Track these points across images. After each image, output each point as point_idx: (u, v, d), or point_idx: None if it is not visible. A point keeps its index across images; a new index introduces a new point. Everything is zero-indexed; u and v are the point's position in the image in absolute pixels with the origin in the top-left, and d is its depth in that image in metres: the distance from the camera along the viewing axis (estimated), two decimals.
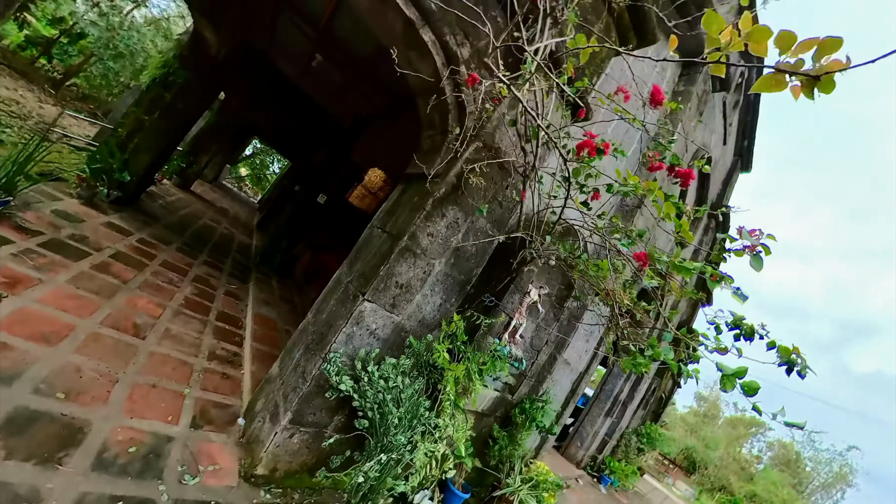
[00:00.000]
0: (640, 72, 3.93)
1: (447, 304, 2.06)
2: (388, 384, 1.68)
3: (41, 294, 2.07)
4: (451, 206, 1.83)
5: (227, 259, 5.06)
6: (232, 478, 1.68)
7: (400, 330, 1.90)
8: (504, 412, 2.99)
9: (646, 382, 7.05)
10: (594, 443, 6.16)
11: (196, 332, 2.71)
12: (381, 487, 1.58)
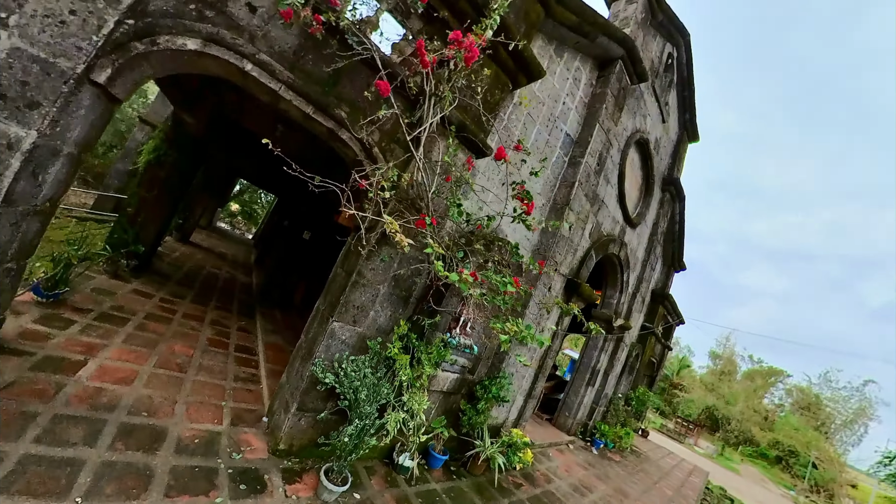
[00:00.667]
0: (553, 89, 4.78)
1: (396, 314, 2.90)
2: (357, 374, 2.52)
3: (108, 353, 2.92)
4: (383, 247, 2.67)
5: (234, 300, 5.93)
6: (263, 453, 2.53)
7: (362, 337, 2.74)
8: (468, 390, 3.83)
9: (623, 351, 7.86)
10: (581, 411, 6.97)
11: (221, 362, 3.57)
12: (360, 444, 2.41)
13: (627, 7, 6.25)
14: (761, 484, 20.20)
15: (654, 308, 9.60)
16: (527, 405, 5.02)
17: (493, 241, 3.39)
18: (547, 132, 4.73)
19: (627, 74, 5.75)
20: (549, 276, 4.60)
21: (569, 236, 4.74)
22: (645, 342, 9.34)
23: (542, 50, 4.55)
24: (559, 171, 4.98)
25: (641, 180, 7.64)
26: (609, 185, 6.08)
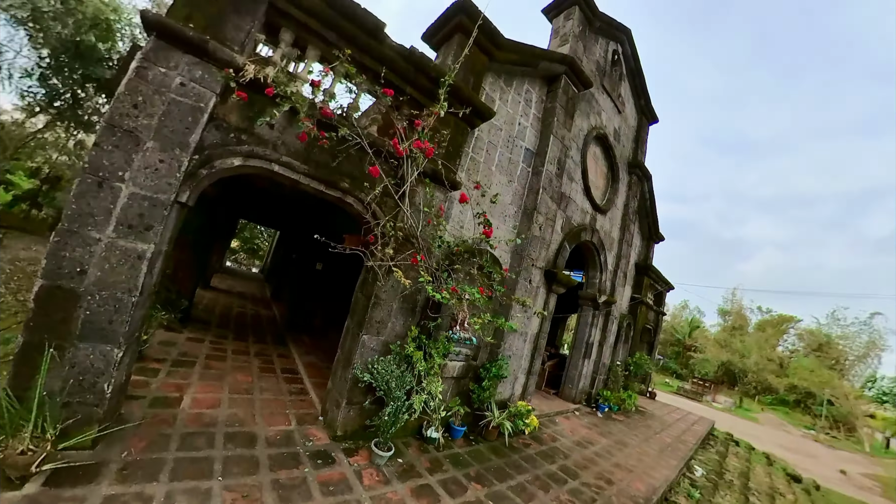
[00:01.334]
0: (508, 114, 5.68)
1: (407, 322, 3.83)
2: (386, 371, 3.45)
3: (194, 389, 3.85)
4: (391, 276, 3.60)
5: (266, 333, 6.87)
6: (326, 440, 3.46)
7: (385, 343, 3.67)
8: (474, 374, 4.77)
9: (614, 324, 8.76)
10: (582, 381, 7.90)
11: (274, 383, 4.50)
12: (397, 420, 3.34)
13: (566, 23, 7.14)
14: (781, 428, 21.14)
15: (640, 280, 10.53)
16: (528, 381, 5.96)
17: (474, 253, 4.33)
18: (509, 151, 5.65)
19: (573, 84, 6.61)
20: (529, 271, 5.52)
21: (540, 235, 5.66)
22: (636, 312, 10.25)
23: (493, 84, 5.46)
24: (525, 181, 5.90)
25: (607, 169, 8.54)
26: (574, 182, 7.00)
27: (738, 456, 9.04)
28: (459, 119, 4.38)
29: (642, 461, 5.56)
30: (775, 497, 7.60)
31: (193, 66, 2.75)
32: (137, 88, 2.57)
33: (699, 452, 7.75)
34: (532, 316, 5.77)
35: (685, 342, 36.71)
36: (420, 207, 3.74)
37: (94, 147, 2.48)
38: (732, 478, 7.27)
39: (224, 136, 2.93)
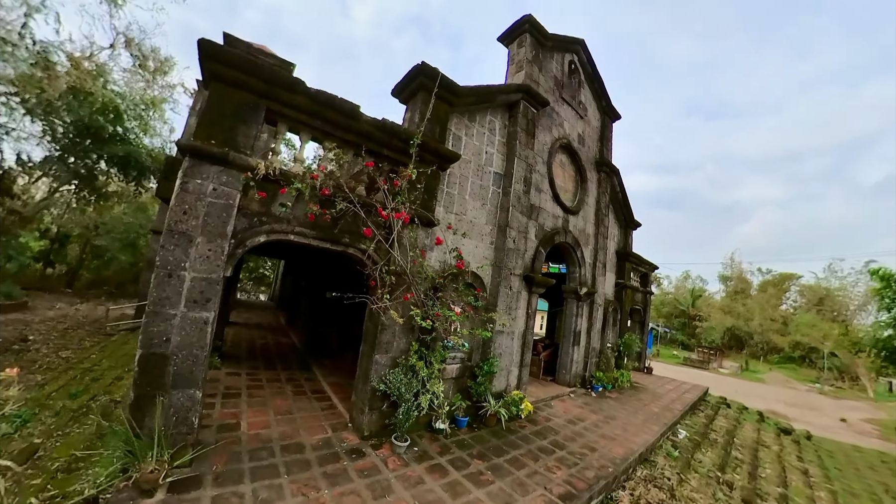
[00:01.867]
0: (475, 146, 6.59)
1: (408, 339, 4.79)
2: (396, 380, 4.41)
3: (246, 415, 4.81)
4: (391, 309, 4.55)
5: (291, 360, 7.85)
6: (356, 441, 4.41)
7: (393, 359, 4.63)
8: (470, 373, 5.72)
9: (598, 311, 9.66)
10: (575, 366, 8.83)
11: (307, 403, 5.47)
12: (409, 416, 4.29)
13: (519, 50, 8.03)
14: (786, 385, 22.05)
15: (622, 265, 11.46)
16: (522, 372, 6.91)
17: (455, 277, 5.29)
18: (479, 179, 6.58)
19: (531, 107, 7.50)
20: (508, 279, 6.47)
21: (514, 247, 6.60)
22: (621, 297, 11.18)
23: (458, 124, 6.37)
24: (497, 201, 6.82)
25: (574, 173, 9.44)
26: (542, 193, 7.92)
27: (727, 417, 9.98)
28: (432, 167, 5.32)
29: (627, 430, 6.49)
30: (759, 449, 8.54)
31: (220, 174, 3.69)
32: (184, 199, 3.52)
33: (687, 417, 8.69)
34: (518, 317, 6.71)
35: (689, 312, 37.64)
36: (407, 249, 4.68)
37: (161, 248, 3.43)
38: (717, 437, 8.21)
39: (250, 221, 3.89)
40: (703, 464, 6.47)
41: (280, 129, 4.24)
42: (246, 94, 3.82)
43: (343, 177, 4.42)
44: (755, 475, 6.90)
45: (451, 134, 6.14)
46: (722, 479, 6.15)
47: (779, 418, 12.87)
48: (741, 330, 31.57)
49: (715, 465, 6.56)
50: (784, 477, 7.41)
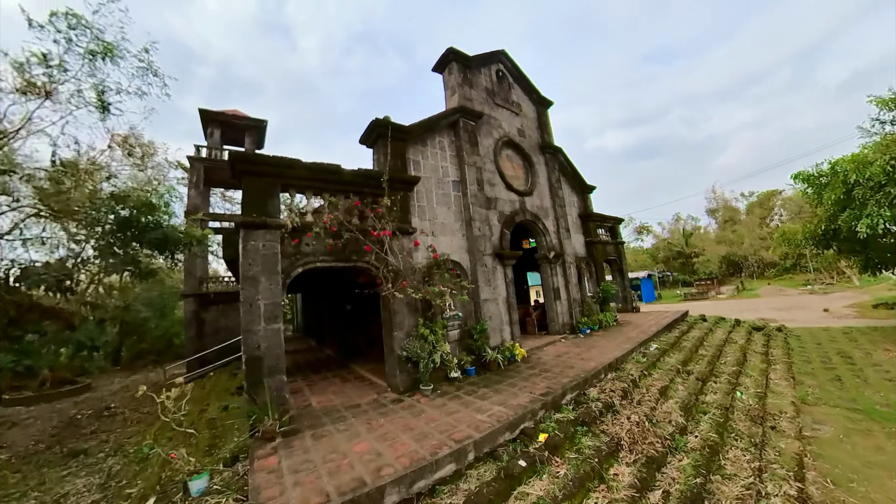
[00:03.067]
0: (432, 164, 8.45)
1: (415, 316, 6.65)
2: (412, 347, 6.28)
3: (314, 399, 6.67)
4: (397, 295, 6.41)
5: (332, 365, 9.71)
6: (395, 396, 6.26)
7: (407, 332, 6.49)
8: (469, 333, 7.59)
9: (571, 268, 11.48)
10: (561, 317, 10.67)
11: (354, 385, 7.32)
12: (427, 370, 6.14)
13: (450, 77, 9.90)
14: (779, 294, 23.79)
15: (587, 226, 13.30)
16: (512, 328, 8.75)
17: (438, 265, 7.17)
18: (441, 189, 8.44)
19: (469, 121, 9.35)
20: (482, 260, 8.33)
21: (481, 234, 8.46)
22: (592, 252, 13.01)
23: (415, 151, 8.23)
24: (459, 202, 8.66)
25: (522, 161, 11.30)
26: (496, 186, 9.77)
27: (700, 329, 11.80)
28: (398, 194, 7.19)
29: (603, 353, 8.30)
30: (725, 346, 10.34)
31: (264, 234, 5.57)
32: (247, 256, 5.41)
33: (661, 335, 10.50)
34: (498, 286, 8.59)
35: (686, 251, 39.38)
36: (397, 253, 6.57)
37: (242, 289, 5.31)
38: (687, 344, 10.01)
39: (290, 260, 5.77)
40: (668, 363, 8.26)
41: (292, 195, 6.13)
42: (265, 179, 5.73)
43: (341, 214, 6.31)
44: (714, 363, 8.70)
45: (411, 161, 8.01)
46: (683, 369, 7.96)
47: (765, 322, 14.50)
48: (736, 255, 33.31)
49: (679, 362, 8.36)
50: (743, 361, 9.21)
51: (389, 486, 3.33)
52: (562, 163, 12.69)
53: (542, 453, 4.24)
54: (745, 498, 3.88)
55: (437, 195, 8.30)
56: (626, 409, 5.57)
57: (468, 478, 3.81)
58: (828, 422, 6.29)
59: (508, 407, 5.17)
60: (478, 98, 10.13)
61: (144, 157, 16.78)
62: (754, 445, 5.05)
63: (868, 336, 11.90)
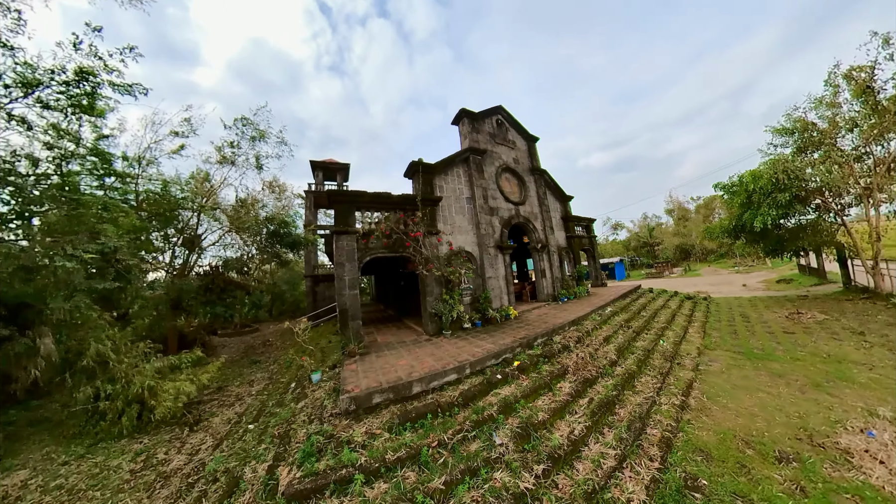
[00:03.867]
0: (452, 187, 8.87)
1: (441, 287, 7.20)
2: (439, 306, 6.84)
3: (379, 337, 7.50)
4: (429, 274, 6.99)
5: (392, 320, 10.60)
6: (427, 337, 6.90)
7: (436, 297, 7.07)
8: (477, 300, 8.01)
9: (554, 255, 11.39)
10: (546, 290, 10.70)
11: (404, 330, 8.08)
12: (448, 320, 6.69)
13: (463, 128, 10.16)
14: (714, 274, 21.51)
15: (567, 225, 13.00)
16: (509, 297, 9.02)
17: (457, 254, 7.63)
18: (458, 203, 8.83)
19: (476, 156, 9.60)
20: (487, 251, 8.66)
21: (486, 233, 8.78)
22: (571, 244, 12.73)
23: (439, 178, 8.67)
24: (471, 212, 9.00)
25: (517, 181, 11.29)
26: (497, 199, 9.95)
27: (646, 297, 11.25)
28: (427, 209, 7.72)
29: (570, 313, 8.37)
30: (661, 309, 9.87)
31: (347, 237, 6.37)
32: (339, 250, 6.24)
33: (617, 302, 10.22)
34: (499, 268, 8.90)
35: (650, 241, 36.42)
36: (426, 247, 7.12)
37: (336, 269, 6.17)
38: (633, 308, 9.69)
39: (361, 252, 6.54)
40: (616, 321, 8.17)
41: (363, 213, 6.88)
42: (346, 204, 6.51)
43: (391, 223, 6.97)
44: (650, 321, 8.44)
45: (437, 185, 8.48)
46: (625, 324, 7.86)
47: (697, 293, 13.50)
48: (686, 245, 30.29)
49: (624, 320, 8.23)
50: (671, 320, 8.82)
51: (415, 382, 3.95)
52: (546, 180, 12.49)
53: (514, 372, 4.65)
54: (643, 404, 4.05)
55: (455, 207, 8.71)
56: (577, 350, 5.76)
57: (464, 382, 4.34)
58: (718, 360, 6.05)
59: (497, 345, 5.60)
60: (482, 140, 10.30)
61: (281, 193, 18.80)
62: (661, 374, 5.09)
63: (765, 303, 10.77)
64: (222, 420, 6.00)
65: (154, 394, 5.85)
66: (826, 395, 4.49)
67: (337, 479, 2.88)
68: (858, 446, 3.31)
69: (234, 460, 3.93)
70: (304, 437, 3.51)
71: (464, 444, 3.30)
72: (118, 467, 4.67)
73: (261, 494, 2.94)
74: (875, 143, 8.88)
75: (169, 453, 5.02)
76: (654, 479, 3.08)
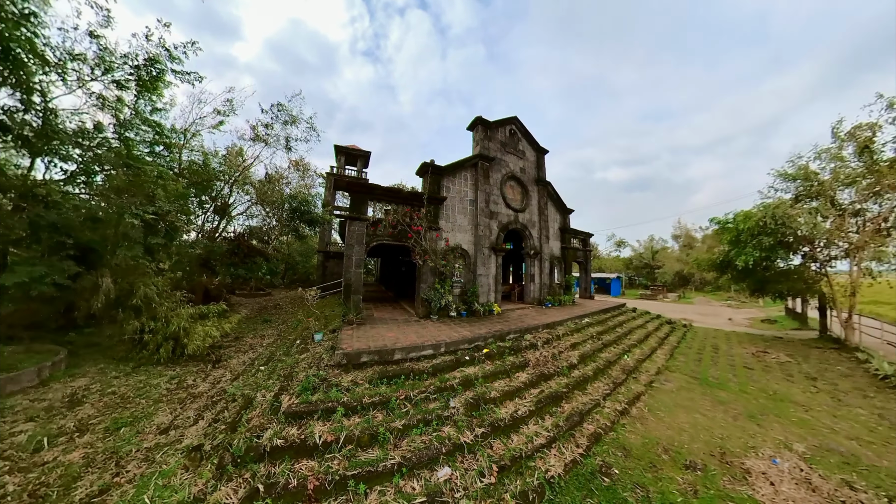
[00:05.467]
0: (458, 189, 9.44)
1: (434, 279, 7.89)
2: (431, 294, 7.55)
3: (377, 313, 8.30)
4: (425, 265, 7.68)
5: (389, 300, 11.41)
6: (417, 318, 7.64)
7: (429, 286, 7.77)
8: (466, 293, 8.68)
9: (546, 263, 11.87)
10: (533, 293, 11.24)
11: (398, 310, 8.84)
12: (437, 307, 7.39)
13: (476, 135, 10.57)
14: (706, 304, 21.39)
15: (564, 236, 13.38)
16: (496, 295, 9.64)
17: (452, 250, 8.27)
18: (461, 204, 9.40)
19: (485, 162, 10.08)
20: (483, 251, 9.26)
21: (484, 234, 9.35)
22: (565, 255, 13.13)
23: (447, 180, 9.24)
24: (473, 214, 9.57)
25: (520, 188, 11.69)
26: (499, 204, 10.45)
27: (627, 315, 11.64)
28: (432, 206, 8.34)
29: (549, 318, 8.90)
30: (638, 329, 10.27)
31: (359, 223, 7.09)
32: (350, 233, 6.98)
33: (597, 315, 10.65)
34: (491, 267, 9.49)
35: (651, 263, 35.99)
36: (427, 240, 7.78)
37: (346, 249, 6.93)
38: (610, 323, 10.13)
39: (369, 238, 7.27)
40: (589, 331, 8.66)
41: (375, 203, 7.56)
42: (362, 195, 7.20)
43: (399, 215, 7.64)
44: (622, 337, 8.90)
45: (444, 186, 9.04)
46: (596, 336, 8.36)
47: (680, 319, 13.78)
48: (686, 272, 29.86)
49: (597, 332, 8.71)
50: (643, 339, 9.25)
51: (397, 350, 4.69)
52: (550, 192, 12.83)
53: (481, 357, 5.34)
54: (588, 404, 4.67)
55: (458, 208, 9.29)
56: (543, 349, 6.37)
57: (437, 358, 5.06)
58: (672, 381, 6.54)
59: (473, 333, 6.27)
60: (493, 147, 10.71)
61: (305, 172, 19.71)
62: (614, 384, 5.66)
63: (740, 338, 10.98)
64: (238, 362, 6.98)
65: (187, 333, 6.84)
66: (755, 425, 4.93)
67: (324, 408, 3.65)
68: (759, 469, 3.78)
69: (248, 389, 4.81)
70: (303, 378, 4.31)
71: (425, 402, 4.03)
72: (157, 385, 5.67)
73: (267, 411, 3.76)
74: (870, 202, 8.91)
75: (196, 381, 6.00)
76: (575, 461, 3.73)
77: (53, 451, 3.81)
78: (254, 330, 9.61)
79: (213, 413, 4.53)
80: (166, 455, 3.68)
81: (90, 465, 3.60)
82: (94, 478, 3.38)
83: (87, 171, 7.44)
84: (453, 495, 2.94)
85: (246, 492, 2.79)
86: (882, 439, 4.57)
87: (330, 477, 2.90)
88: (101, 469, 3.53)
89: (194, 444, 3.69)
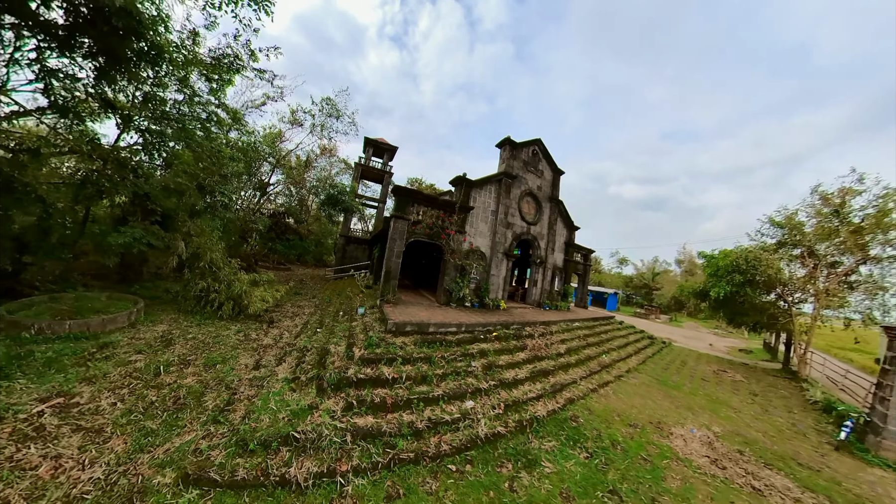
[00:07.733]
0: (482, 201, 11.06)
1: (456, 273, 9.57)
2: (451, 285, 9.24)
3: (405, 297, 10.03)
4: (450, 261, 9.35)
5: (412, 288, 13.14)
6: (438, 305, 9.35)
7: (451, 279, 9.46)
8: (480, 288, 10.36)
9: (549, 271, 13.50)
10: (534, 296, 12.92)
11: (421, 296, 10.57)
12: (456, 297, 9.08)
13: (503, 153, 12.11)
14: (694, 329, 22.93)
15: (569, 249, 14.97)
16: (504, 293, 11.34)
17: (474, 252, 9.93)
18: (484, 214, 11.02)
19: (507, 179, 11.63)
20: (498, 255, 10.91)
21: (500, 241, 10.99)
22: (567, 266, 14.74)
23: (475, 192, 10.84)
24: (493, 223, 11.19)
25: (535, 204, 13.23)
26: (515, 217, 12.04)
27: (613, 326, 13.32)
28: (461, 214, 9.96)
29: (545, 317, 10.62)
30: (620, 338, 11.95)
31: (402, 221, 8.73)
32: (394, 229, 8.63)
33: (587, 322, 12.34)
34: (502, 269, 11.16)
35: (651, 284, 37.49)
36: (454, 241, 9.44)
37: (389, 241, 8.60)
38: (598, 329, 11.81)
39: (409, 234, 8.92)
40: (578, 333, 10.35)
41: (416, 206, 9.19)
42: (405, 198, 8.83)
43: (434, 218, 9.28)
44: (604, 342, 10.59)
45: (473, 197, 10.65)
46: (584, 337, 10.04)
47: (664, 338, 15.41)
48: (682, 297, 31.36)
49: (584, 334, 10.40)
50: (623, 346, 10.93)
51: (431, 325, 6.40)
52: (560, 210, 14.36)
53: (491, 337, 7.05)
54: (568, 380, 6.38)
55: (481, 217, 10.91)
56: (538, 339, 8.08)
57: (459, 334, 6.78)
58: (637, 378, 8.27)
59: (485, 320, 7.97)
60: (517, 166, 12.22)
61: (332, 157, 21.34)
62: (590, 372, 7.39)
63: (709, 360, 12.67)
64: (290, 325, 8.70)
65: (248, 296, 8.55)
66: (690, 413, 6.66)
67: (387, 358, 5.37)
68: (680, 433, 5.55)
69: (317, 343, 6.52)
70: (364, 338, 6.03)
71: (454, 361, 5.76)
72: (227, 336, 7.27)
73: (344, 357, 5.48)
74: (844, 256, 10.44)
75: (259, 335, 7.68)
76: (554, 410, 5.45)
77: (170, 376, 4.58)
78: (289, 300, 11.34)
79: (293, 359, 6.14)
80: (270, 383, 5.22)
81: (206, 387, 4.79)
82: (215, 395, 4.30)
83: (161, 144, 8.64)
84: (476, 416, 4.67)
85: (345, 404, 4.49)
86: (784, 437, 6.26)
87: (399, 398, 4.62)
88: (217, 390, 4.44)
89: (289, 377, 5.27)
